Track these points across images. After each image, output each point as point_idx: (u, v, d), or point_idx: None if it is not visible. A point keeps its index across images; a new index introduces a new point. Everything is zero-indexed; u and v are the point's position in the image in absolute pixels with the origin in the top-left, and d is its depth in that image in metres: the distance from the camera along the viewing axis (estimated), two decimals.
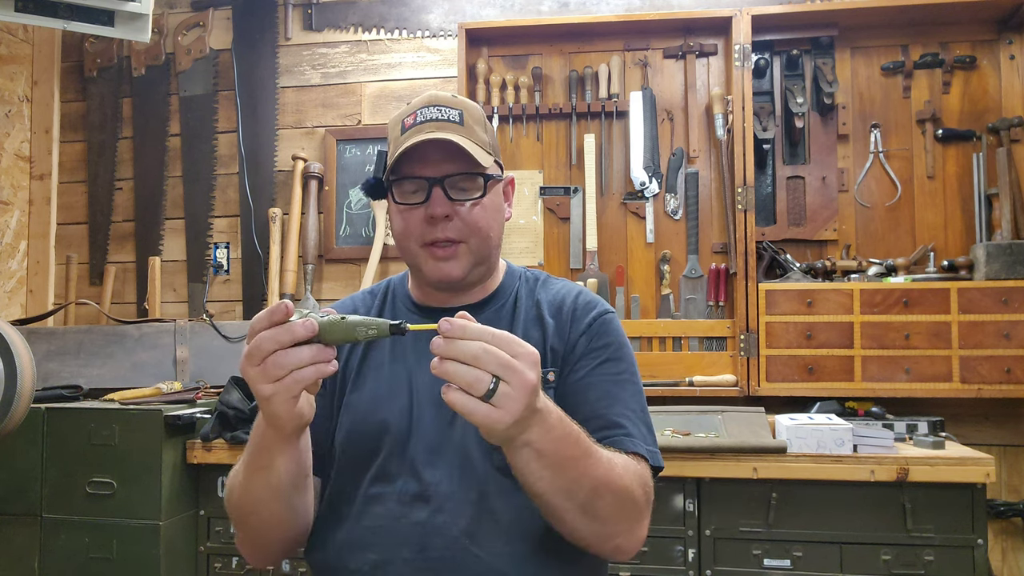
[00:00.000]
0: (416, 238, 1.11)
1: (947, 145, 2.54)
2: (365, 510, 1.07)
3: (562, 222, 2.71)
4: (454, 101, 1.12)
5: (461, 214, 1.09)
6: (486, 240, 1.12)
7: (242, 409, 2.22)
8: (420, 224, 1.09)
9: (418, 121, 1.09)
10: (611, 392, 1.10)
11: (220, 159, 2.97)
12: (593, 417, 1.07)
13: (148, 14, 2.49)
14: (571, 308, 1.17)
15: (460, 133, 1.08)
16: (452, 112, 1.10)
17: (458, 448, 1.07)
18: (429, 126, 1.08)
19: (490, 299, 1.19)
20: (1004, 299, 2.28)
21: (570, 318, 1.16)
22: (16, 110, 2.97)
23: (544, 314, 1.17)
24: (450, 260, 1.10)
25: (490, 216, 1.12)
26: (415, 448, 1.08)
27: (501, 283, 1.21)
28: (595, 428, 1.05)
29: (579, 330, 1.14)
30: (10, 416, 1.87)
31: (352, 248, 2.83)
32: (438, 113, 1.09)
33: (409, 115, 1.11)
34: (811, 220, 2.58)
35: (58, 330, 2.67)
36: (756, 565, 2.03)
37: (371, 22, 2.90)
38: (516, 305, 1.18)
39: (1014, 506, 2.40)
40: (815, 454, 2.00)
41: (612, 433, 1.06)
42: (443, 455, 1.07)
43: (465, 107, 1.12)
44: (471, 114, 1.12)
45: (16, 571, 2.20)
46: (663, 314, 2.61)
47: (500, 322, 1.16)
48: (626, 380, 1.12)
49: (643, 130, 2.63)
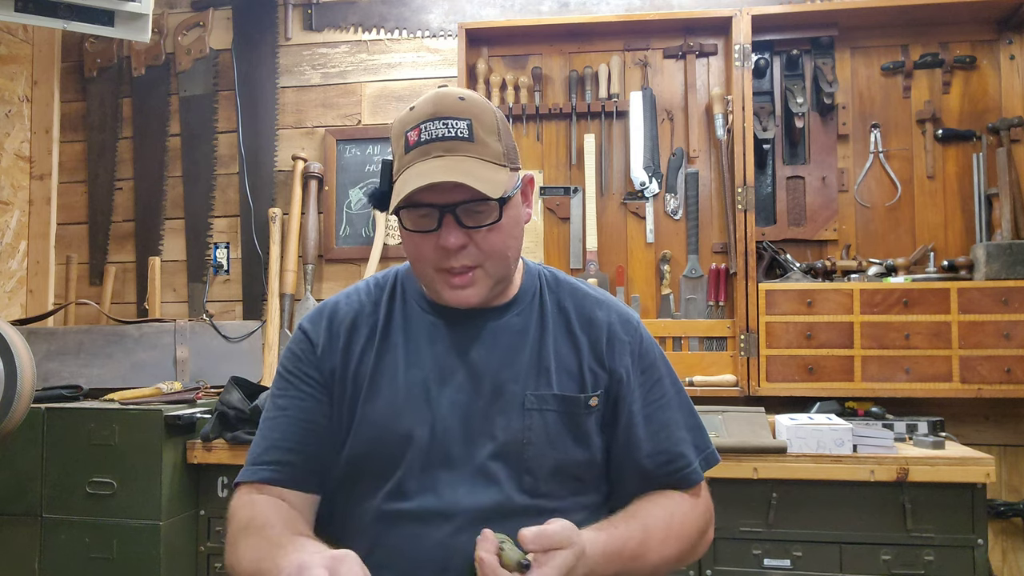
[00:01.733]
0: (430, 263, 1.04)
1: (947, 145, 2.54)
2: (382, 528, 1.04)
3: (562, 222, 2.71)
4: (462, 108, 1.01)
5: (476, 240, 1.02)
6: (504, 261, 1.05)
7: (242, 409, 2.22)
8: (433, 250, 1.02)
9: (422, 140, 1.00)
10: (667, 420, 1.12)
11: (220, 159, 2.97)
12: (656, 453, 1.11)
13: (148, 14, 2.49)
14: (604, 324, 1.13)
15: (470, 152, 1.00)
16: (460, 125, 1.00)
17: (482, 467, 1.04)
18: (436, 147, 0.99)
19: (512, 303, 1.13)
20: (1004, 299, 2.28)
21: (606, 335, 1.12)
22: (16, 110, 2.97)
23: (575, 328, 1.12)
24: (467, 288, 1.04)
25: (508, 236, 1.04)
26: (437, 463, 1.04)
27: (522, 284, 1.15)
28: (660, 463, 1.10)
29: (623, 352, 1.12)
30: (10, 416, 1.87)
31: (352, 248, 2.83)
32: (445, 129, 1.00)
33: (413, 128, 1.01)
34: (811, 220, 2.58)
35: (58, 330, 2.67)
36: (756, 565, 2.03)
37: (371, 22, 2.90)
38: (543, 311, 1.13)
39: (1014, 506, 2.40)
40: (815, 454, 2.00)
41: (676, 467, 1.11)
42: (466, 474, 1.04)
43: (475, 114, 1.02)
44: (481, 122, 1.02)
45: (16, 571, 2.19)
46: (663, 314, 2.61)
47: (528, 329, 1.11)
48: (672, 396, 1.15)
49: (643, 130, 2.63)
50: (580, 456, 1.08)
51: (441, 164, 0.98)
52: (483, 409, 1.06)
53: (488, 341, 1.10)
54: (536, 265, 1.20)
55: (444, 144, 0.99)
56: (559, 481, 1.07)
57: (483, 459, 1.04)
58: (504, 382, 1.07)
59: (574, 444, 1.07)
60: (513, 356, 1.09)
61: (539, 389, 1.07)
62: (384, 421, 1.06)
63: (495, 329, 1.10)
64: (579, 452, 1.08)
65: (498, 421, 1.06)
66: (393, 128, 1.06)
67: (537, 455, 1.05)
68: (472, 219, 1.01)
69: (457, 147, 1.00)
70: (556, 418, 1.07)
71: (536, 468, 1.05)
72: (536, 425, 1.06)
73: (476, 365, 1.08)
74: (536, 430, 1.05)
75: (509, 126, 1.08)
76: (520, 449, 1.05)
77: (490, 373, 1.08)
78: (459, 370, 1.08)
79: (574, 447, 1.07)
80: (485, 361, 1.08)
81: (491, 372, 1.08)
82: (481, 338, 1.10)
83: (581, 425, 1.08)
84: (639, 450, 1.09)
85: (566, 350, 1.11)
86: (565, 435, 1.07)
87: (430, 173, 0.97)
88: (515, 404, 1.06)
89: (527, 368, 1.08)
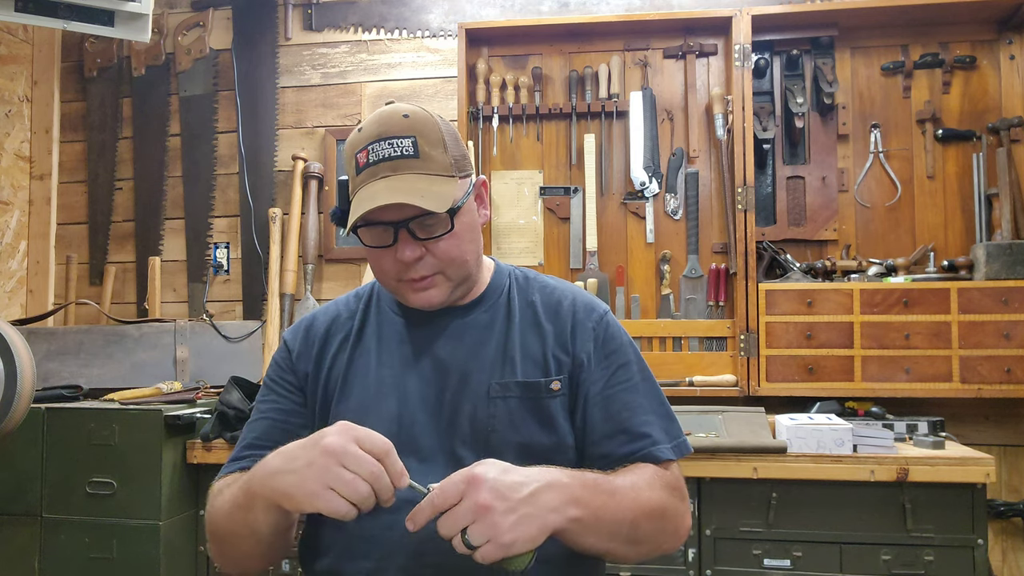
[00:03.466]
0: (392, 276, 1.10)
1: (947, 145, 2.54)
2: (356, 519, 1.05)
3: (562, 222, 2.71)
4: (406, 127, 1.05)
5: (432, 250, 1.07)
6: (463, 265, 1.10)
7: (242, 409, 2.22)
8: (393, 264, 1.08)
9: (370, 161, 1.04)
10: (630, 401, 1.12)
11: (220, 159, 2.97)
12: (619, 432, 1.10)
13: (148, 14, 2.48)
14: (570, 312, 1.16)
15: (416, 169, 1.04)
16: (404, 143, 1.04)
17: (450, 453, 1.08)
18: (383, 168, 1.04)
19: (479, 301, 1.17)
20: (1004, 299, 2.28)
21: (570, 323, 1.15)
22: (16, 110, 2.97)
23: (541, 319, 1.16)
24: (429, 289, 1.09)
25: (464, 242, 1.09)
26: (406, 455, 1.05)
27: (490, 283, 1.19)
28: (623, 443, 1.10)
29: (586, 338, 1.14)
30: (10, 416, 1.87)
31: (352, 248, 2.83)
32: (390, 149, 1.04)
33: (361, 150, 1.06)
34: (811, 220, 2.58)
35: (58, 330, 2.67)
36: (756, 565, 2.03)
37: (371, 22, 2.90)
38: (510, 306, 1.17)
39: (1014, 506, 2.40)
40: (815, 454, 2.00)
41: (640, 446, 1.10)
42: (435, 461, 1.08)
43: (419, 131, 1.05)
44: (426, 137, 1.06)
45: (16, 571, 2.20)
46: (663, 314, 2.61)
47: (494, 323, 1.15)
48: (639, 381, 1.15)
49: (643, 130, 2.63)
50: (546, 440, 1.10)
51: (388, 184, 1.03)
52: (450, 400, 1.11)
53: (455, 336, 1.14)
54: (507, 266, 1.24)
55: (391, 164, 1.04)
56: (526, 466, 1.06)
57: (451, 447, 1.08)
58: (470, 372, 1.11)
59: (539, 428, 1.10)
60: (479, 349, 1.13)
61: (504, 377, 1.11)
62: (355, 418, 1.07)
63: (462, 325, 1.15)
64: (544, 436, 1.10)
65: (464, 410, 1.10)
66: (345, 149, 1.11)
67: (501, 441, 1.08)
68: (425, 231, 1.06)
69: (403, 165, 1.04)
70: (519, 404, 1.10)
71: (502, 453, 1.05)
72: (500, 412, 1.09)
73: (443, 359, 1.13)
74: (500, 416, 1.09)
75: (457, 134, 1.12)
76: (486, 436, 1.09)
77: (456, 365, 1.12)
78: (427, 365, 1.13)
79: (539, 431, 1.10)
80: (452, 355, 1.13)
81: (457, 364, 1.12)
82: (448, 333, 1.14)
83: (544, 409, 1.10)
84: (595, 431, 1.11)
85: (532, 340, 1.14)
86: (529, 419, 1.10)
87: (378, 195, 1.02)
88: (480, 393, 1.10)
89: (492, 359, 1.12)
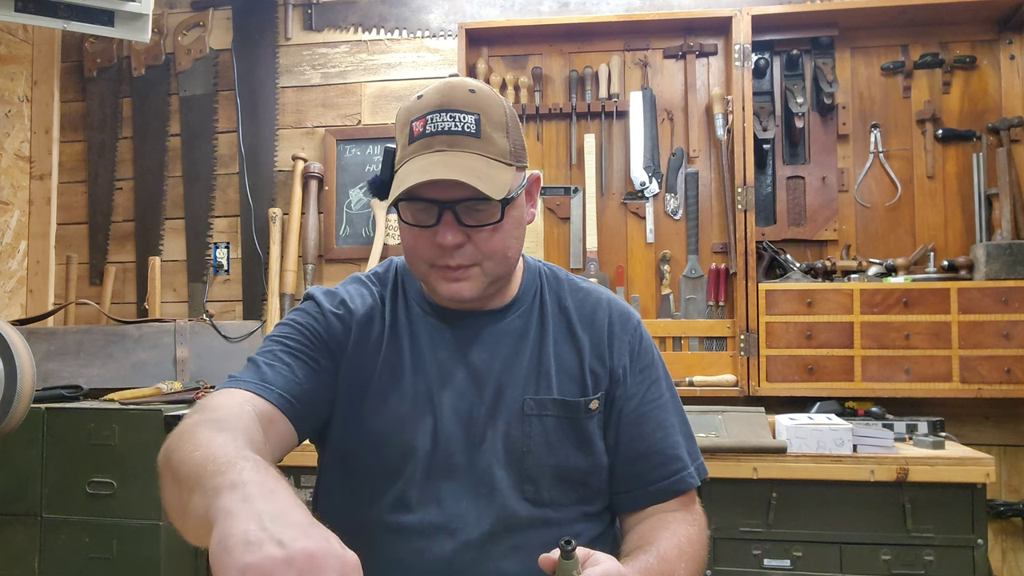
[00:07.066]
0: (426, 259, 1.00)
1: (947, 145, 2.54)
2: (384, 540, 1.01)
3: (562, 222, 2.71)
4: (471, 102, 0.97)
5: (475, 239, 0.98)
6: (503, 261, 1.02)
7: None
8: (430, 246, 0.99)
9: (427, 131, 0.96)
10: (663, 421, 1.10)
11: (220, 159, 2.97)
12: (653, 453, 1.08)
13: (148, 14, 2.48)
14: (605, 321, 1.11)
15: (475, 149, 0.95)
16: (467, 119, 0.96)
17: (484, 476, 1.02)
18: (440, 141, 0.95)
19: (512, 305, 1.10)
20: (1004, 299, 2.28)
21: (607, 333, 1.10)
22: (16, 110, 2.97)
23: (576, 328, 1.10)
24: (462, 281, 1.00)
25: (509, 237, 1.01)
26: (439, 472, 1.02)
27: (522, 284, 1.12)
28: (656, 464, 1.07)
29: (622, 351, 1.10)
30: (10, 416, 1.87)
31: (352, 248, 2.83)
32: (451, 122, 0.95)
33: (419, 119, 0.97)
34: (811, 220, 2.58)
35: (58, 330, 2.67)
36: (756, 565, 2.03)
37: (371, 22, 2.90)
38: (543, 311, 1.11)
39: (1014, 506, 2.40)
40: (815, 454, 2.00)
41: (673, 470, 1.08)
42: (469, 483, 1.02)
43: (484, 109, 0.97)
44: (490, 117, 0.97)
45: (16, 571, 2.20)
46: (663, 314, 2.61)
47: (528, 331, 1.09)
48: (668, 399, 1.12)
49: (643, 130, 2.63)
50: (582, 463, 1.05)
51: (444, 159, 0.94)
52: (484, 415, 1.04)
53: (489, 344, 1.07)
54: (536, 262, 1.17)
55: (449, 138, 0.95)
56: (562, 489, 1.04)
57: (484, 467, 1.02)
58: (504, 386, 1.05)
59: (576, 450, 1.05)
60: (512, 360, 1.07)
61: (538, 393, 1.05)
62: (388, 431, 1.04)
63: (496, 332, 1.08)
64: (581, 458, 1.05)
65: (498, 427, 1.04)
66: (399, 115, 1.02)
67: (537, 463, 1.03)
68: (472, 218, 0.97)
69: (462, 142, 0.95)
70: (556, 423, 1.04)
71: (537, 476, 1.02)
72: (535, 432, 1.03)
73: (477, 370, 1.06)
74: (535, 437, 1.03)
75: (519, 122, 1.04)
76: (520, 457, 1.03)
77: (491, 378, 1.05)
78: (460, 376, 1.06)
79: (576, 453, 1.05)
80: (486, 366, 1.06)
81: (492, 377, 1.05)
82: (481, 341, 1.07)
83: (583, 431, 1.06)
84: (632, 449, 1.07)
85: (567, 351, 1.08)
86: (566, 441, 1.04)
87: (431, 168, 0.93)
88: (514, 410, 1.04)
89: (526, 372, 1.06)
